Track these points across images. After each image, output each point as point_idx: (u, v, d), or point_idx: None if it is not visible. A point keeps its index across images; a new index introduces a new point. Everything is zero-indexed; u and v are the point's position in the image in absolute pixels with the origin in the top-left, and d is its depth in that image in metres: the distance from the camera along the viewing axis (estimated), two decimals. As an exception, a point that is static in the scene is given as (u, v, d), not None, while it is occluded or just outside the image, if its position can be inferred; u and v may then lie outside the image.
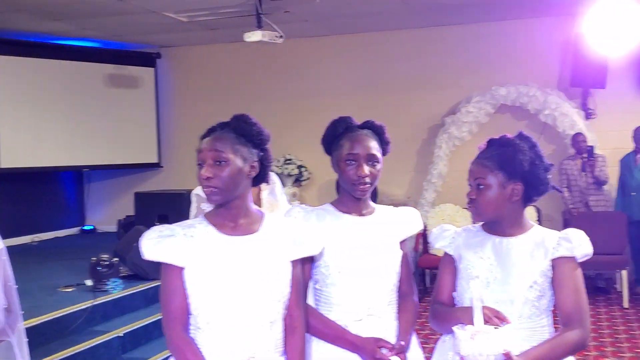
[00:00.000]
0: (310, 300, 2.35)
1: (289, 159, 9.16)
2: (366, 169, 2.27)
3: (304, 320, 2.17)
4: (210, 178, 2.00)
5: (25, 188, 9.14)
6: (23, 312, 2.35)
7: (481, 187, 2.21)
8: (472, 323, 2.05)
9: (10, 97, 8.58)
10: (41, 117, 8.94)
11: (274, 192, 3.79)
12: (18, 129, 8.65)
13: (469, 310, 2.12)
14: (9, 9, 7.35)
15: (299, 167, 9.14)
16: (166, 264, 2.01)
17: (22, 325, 2.12)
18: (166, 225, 2.06)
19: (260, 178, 2.13)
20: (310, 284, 2.35)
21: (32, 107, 8.83)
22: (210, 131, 2.10)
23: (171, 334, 2.01)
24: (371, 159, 2.30)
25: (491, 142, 2.29)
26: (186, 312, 2.02)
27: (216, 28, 8.58)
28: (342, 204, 2.39)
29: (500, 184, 2.20)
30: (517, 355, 2.01)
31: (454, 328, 2.09)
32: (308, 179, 9.25)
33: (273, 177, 3.80)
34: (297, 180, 9.18)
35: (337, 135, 2.34)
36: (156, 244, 2.00)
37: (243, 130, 2.07)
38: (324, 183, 9.15)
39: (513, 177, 2.20)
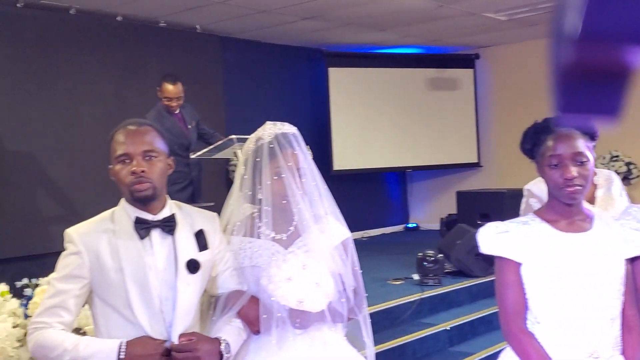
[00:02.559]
0: None
1: (616, 156, 8.57)
2: None
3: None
4: (576, 177, 2.02)
5: (355, 188, 9.75)
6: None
7: None
8: None
9: (341, 106, 9.30)
10: (369, 123, 9.55)
11: (610, 190, 3.64)
12: (348, 135, 9.36)
13: None
14: (338, 24, 8.02)
15: (627, 164, 8.52)
16: (502, 259, 2.10)
17: (366, 307, 2.37)
18: (500, 222, 2.15)
19: None
20: None
21: (360, 113, 9.49)
22: (546, 130, 2.11)
23: (510, 327, 2.09)
24: None
25: None
26: (523, 306, 2.08)
27: (536, 24, 8.39)
28: None
29: None
30: None
31: None
32: (638, 176, 8.58)
33: (612, 175, 3.68)
34: (625, 179, 8.56)
35: None
36: (493, 239, 2.11)
37: (588, 130, 2.11)
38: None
39: None
